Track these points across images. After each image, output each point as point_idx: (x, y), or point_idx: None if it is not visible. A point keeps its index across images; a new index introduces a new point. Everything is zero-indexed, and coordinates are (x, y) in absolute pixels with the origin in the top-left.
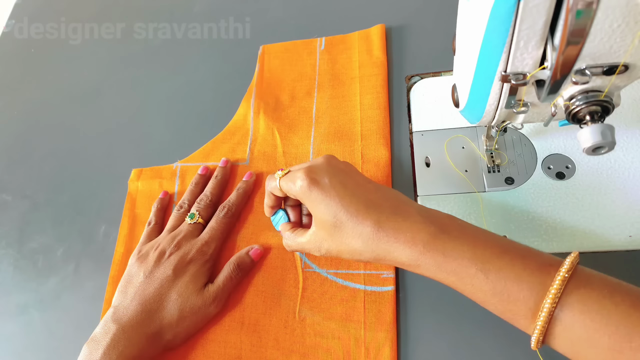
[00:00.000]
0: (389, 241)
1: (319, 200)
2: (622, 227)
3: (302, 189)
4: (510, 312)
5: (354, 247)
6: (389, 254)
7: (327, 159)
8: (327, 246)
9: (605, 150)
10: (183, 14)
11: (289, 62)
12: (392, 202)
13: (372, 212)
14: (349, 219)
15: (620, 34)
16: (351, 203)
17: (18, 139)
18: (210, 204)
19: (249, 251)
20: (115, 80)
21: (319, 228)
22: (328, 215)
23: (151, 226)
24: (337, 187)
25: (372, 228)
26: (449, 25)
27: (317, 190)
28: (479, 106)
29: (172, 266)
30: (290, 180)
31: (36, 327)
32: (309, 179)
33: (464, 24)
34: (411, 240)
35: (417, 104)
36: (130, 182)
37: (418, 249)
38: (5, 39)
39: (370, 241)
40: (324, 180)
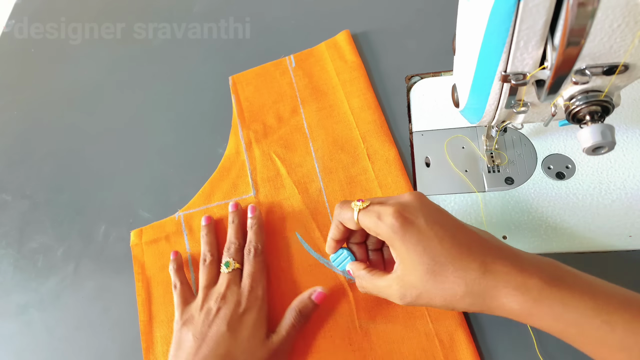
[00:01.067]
0: (497, 286)
1: (413, 243)
2: (622, 227)
3: (394, 228)
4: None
5: (453, 292)
6: (496, 300)
7: (418, 197)
8: (417, 293)
9: (605, 150)
10: (183, 14)
11: (264, 86)
12: (494, 245)
13: (477, 254)
14: (452, 262)
15: (620, 34)
16: (453, 245)
17: (18, 139)
18: (240, 248)
19: (312, 295)
20: (115, 80)
21: (409, 273)
22: (425, 258)
23: (179, 288)
24: (435, 228)
25: (478, 272)
26: (449, 25)
27: (412, 231)
28: (479, 106)
29: (225, 322)
30: (375, 216)
31: (36, 327)
32: (402, 218)
33: (464, 24)
34: (523, 286)
35: (417, 104)
36: (134, 246)
37: (532, 295)
38: (5, 39)
39: (475, 286)
40: (420, 221)
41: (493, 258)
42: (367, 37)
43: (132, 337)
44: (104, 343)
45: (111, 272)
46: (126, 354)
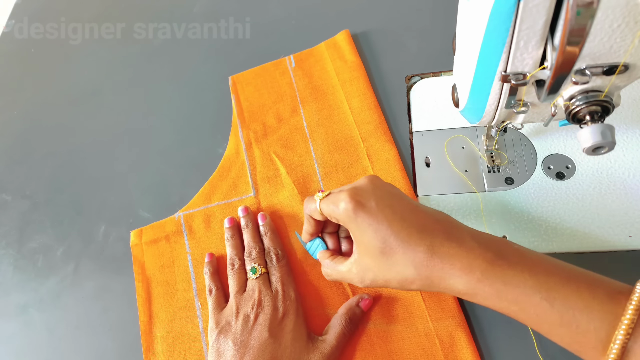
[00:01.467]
0: (444, 268)
1: (365, 225)
2: (622, 227)
3: (346, 212)
4: (579, 344)
5: (404, 275)
6: (443, 281)
7: (370, 180)
8: (373, 276)
9: (605, 150)
10: (183, 14)
11: (264, 86)
12: (444, 226)
13: (425, 237)
14: (400, 244)
15: (620, 34)
16: (402, 228)
17: (18, 139)
18: (261, 252)
19: (359, 302)
20: (115, 80)
21: (364, 255)
22: (376, 241)
23: (214, 293)
24: (385, 211)
25: (425, 255)
26: (449, 25)
27: (363, 214)
28: (479, 106)
29: (266, 327)
30: (332, 202)
31: (36, 327)
32: (354, 201)
33: (464, 24)
34: (468, 267)
35: (417, 104)
36: (134, 246)
37: (475, 276)
38: (5, 39)
39: (423, 268)
40: (371, 203)
41: (441, 240)
42: (367, 37)
43: (132, 337)
44: (104, 343)
45: (111, 272)
46: (126, 354)
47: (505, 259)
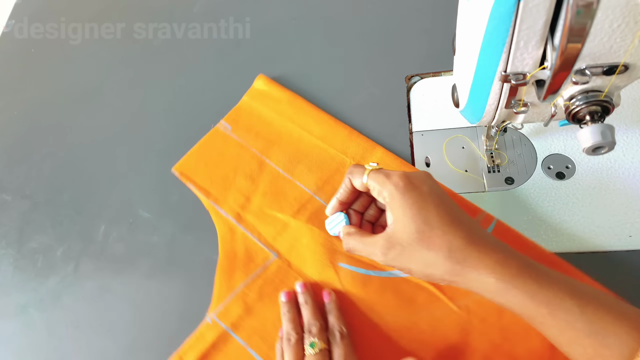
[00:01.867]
0: (480, 257)
1: (411, 202)
2: (622, 227)
3: (397, 187)
4: (601, 358)
5: (435, 256)
6: (475, 270)
7: (426, 173)
8: (400, 251)
9: (605, 150)
10: (183, 14)
11: (214, 160)
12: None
13: (466, 228)
14: (441, 226)
15: (620, 34)
16: (447, 213)
17: (18, 139)
18: (322, 329)
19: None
20: (115, 80)
21: (398, 230)
22: (418, 219)
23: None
24: (433, 196)
25: (464, 240)
26: (449, 25)
27: (413, 192)
28: (479, 106)
29: None
30: (384, 176)
31: (36, 327)
32: (407, 180)
33: (464, 24)
34: (504, 261)
35: (417, 104)
36: None
37: (510, 272)
38: (5, 39)
39: (457, 252)
40: (423, 187)
41: (479, 236)
42: (367, 36)
43: (132, 337)
44: (104, 343)
45: (111, 272)
46: (126, 354)
47: (539, 268)
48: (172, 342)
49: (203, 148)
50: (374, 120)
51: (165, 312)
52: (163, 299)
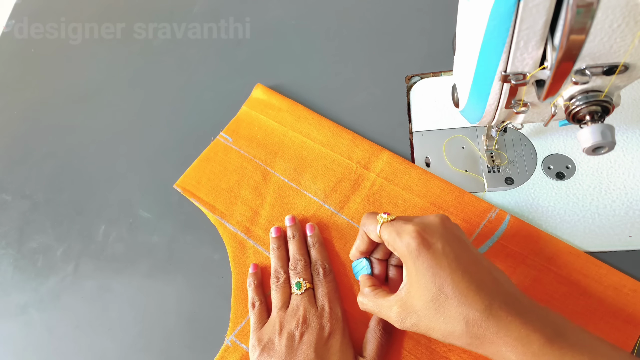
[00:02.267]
0: (498, 333)
1: (425, 267)
2: (622, 227)
3: (409, 247)
4: None
5: (452, 328)
6: (494, 346)
7: (442, 220)
8: (416, 320)
9: (605, 150)
10: (183, 14)
11: (217, 173)
12: (503, 288)
13: (484, 296)
14: (457, 296)
15: (620, 34)
16: (463, 279)
17: (18, 139)
18: (307, 265)
19: None
20: (115, 80)
21: (413, 296)
22: (432, 286)
23: (257, 307)
24: (449, 257)
25: (482, 314)
26: (449, 25)
27: (426, 254)
28: (479, 106)
29: (312, 347)
30: (395, 232)
31: (36, 327)
32: (420, 238)
33: (464, 24)
34: (525, 338)
35: (417, 104)
36: None
37: (532, 350)
38: (5, 39)
39: (475, 327)
40: (437, 245)
41: (500, 303)
42: (367, 36)
43: (132, 337)
44: (104, 343)
45: (111, 272)
46: (126, 354)
47: (565, 338)
48: (172, 342)
49: (204, 162)
50: (374, 120)
51: (165, 312)
52: (163, 299)
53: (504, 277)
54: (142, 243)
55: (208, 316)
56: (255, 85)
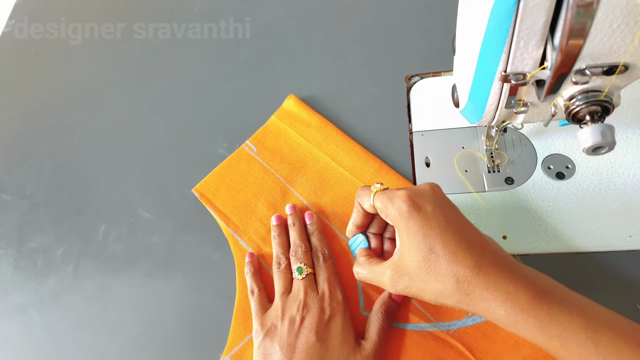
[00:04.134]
0: (488, 288)
1: (416, 228)
2: (622, 227)
3: (400, 211)
4: None
5: (443, 287)
6: (484, 302)
7: (432, 187)
8: (408, 281)
9: (605, 150)
10: (183, 14)
11: (236, 183)
12: (493, 248)
13: (474, 253)
14: (447, 254)
15: (620, 34)
16: (453, 239)
17: (18, 139)
18: (307, 251)
19: (392, 294)
20: (115, 80)
21: (405, 258)
22: (423, 246)
23: (257, 294)
24: (439, 219)
25: (472, 271)
26: (449, 25)
27: (417, 216)
28: (479, 106)
29: (313, 330)
30: (388, 198)
31: (36, 327)
32: (410, 201)
33: (464, 24)
34: (514, 293)
35: (417, 104)
36: None
37: (520, 303)
38: (5, 39)
39: (465, 284)
40: (427, 208)
41: (489, 261)
42: (367, 36)
43: (132, 337)
44: (104, 343)
45: (111, 272)
46: (126, 354)
47: (553, 294)
48: (172, 342)
49: (226, 169)
50: (374, 120)
51: (165, 312)
52: (163, 299)
53: (493, 241)
54: (142, 243)
55: (208, 316)
56: (288, 96)
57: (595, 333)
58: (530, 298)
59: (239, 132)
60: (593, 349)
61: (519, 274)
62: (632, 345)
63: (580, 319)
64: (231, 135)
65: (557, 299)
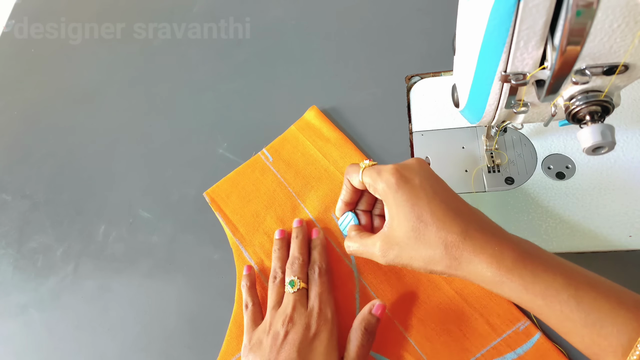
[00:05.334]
0: (475, 251)
1: (404, 199)
2: (622, 227)
3: (388, 183)
4: (599, 347)
5: (432, 254)
6: (471, 265)
7: (418, 161)
8: (398, 251)
9: (605, 150)
10: (183, 14)
11: (247, 192)
12: (479, 217)
13: (460, 220)
14: (435, 222)
15: (620, 34)
16: (440, 207)
17: (18, 139)
18: (304, 264)
19: (371, 309)
20: (115, 80)
21: (394, 229)
22: (411, 216)
23: (250, 308)
24: (426, 189)
25: (459, 236)
26: (449, 25)
27: (405, 188)
28: (479, 106)
29: (294, 348)
30: (376, 172)
31: (36, 327)
32: (398, 174)
33: (464, 24)
34: (499, 255)
35: (417, 104)
36: None
37: (505, 264)
38: (5, 39)
39: (453, 249)
40: (414, 180)
41: (475, 226)
42: (367, 36)
43: (132, 337)
44: (104, 343)
45: (111, 272)
46: (126, 354)
47: (537, 256)
48: (172, 342)
49: (240, 176)
50: (374, 120)
51: (165, 312)
52: (163, 299)
53: (479, 210)
54: (142, 243)
55: (208, 316)
56: (311, 107)
57: (577, 291)
58: (514, 259)
59: (239, 132)
60: (575, 306)
61: (504, 237)
62: (613, 302)
63: (563, 279)
64: (231, 136)
65: (540, 261)
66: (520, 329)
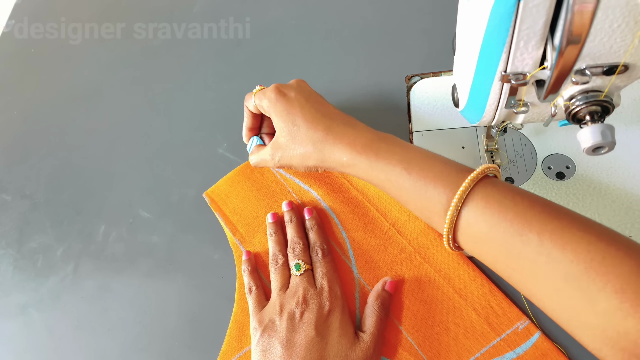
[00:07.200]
0: (334, 142)
1: (282, 109)
2: (622, 227)
3: (270, 100)
4: (427, 210)
5: (305, 150)
6: (333, 154)
7: (297, 81)
8: (282, 153)
9: (605, 150)
10: (183, 14)
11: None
12: (345, 117)
13: (326, 120)
14: (305, 124)
15: (620, 34)
16: (309, 112)
17: (18, 139)
18: (305, 247)
19: (384, 286)
20: (115, 80)
21: (278, 136)
22: (288, 122)
23: (254, 292)
24: (300, 100)
25: (323, 132)
26: (449, 25)
27: (283, 101)
28: (479, 106)
29: (312, 326)
30: (262, 94)
31: (36, 327)
32: (277, 91)
33: (464, 24)
34: (352, 142)
35: (417, 104)
36: None
37: (356, 149)
38: (5, 39)
39: (319, 144)
40: (291, 94)
41: (338, 124)
42: (367, 36)
43: (132, 337)
44: (104, 343)
45: (111, 272)
46: (126, 354)
47: (385, 141)
48: (172, 342)
49: (239, 176)
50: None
51: (165, 312)
52: (163, 299)
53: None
54: (142, 243)
55: (208, 316)
56: None
57: (409, 164)
58: (364, 144)
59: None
60: (407, 177)
61: (361, 129)
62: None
63: (400, 156)
64: (231, 135)
65: (387, 144)
66: (519, 328)
